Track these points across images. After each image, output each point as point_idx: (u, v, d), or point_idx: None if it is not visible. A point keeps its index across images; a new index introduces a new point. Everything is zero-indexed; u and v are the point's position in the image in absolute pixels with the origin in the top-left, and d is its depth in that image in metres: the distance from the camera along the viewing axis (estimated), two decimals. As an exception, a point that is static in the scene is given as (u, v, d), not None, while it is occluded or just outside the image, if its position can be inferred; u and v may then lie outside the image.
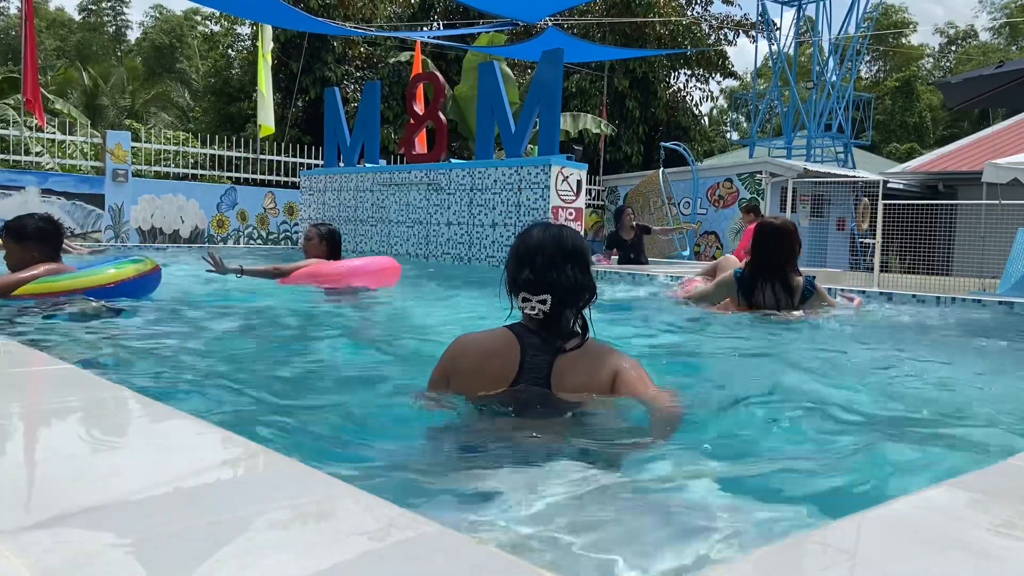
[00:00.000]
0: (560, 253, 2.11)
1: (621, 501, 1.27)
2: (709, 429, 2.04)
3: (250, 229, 13.71)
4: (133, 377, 2.41)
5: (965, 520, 1.00)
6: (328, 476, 1.09)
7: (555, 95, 8.59)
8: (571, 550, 1.06)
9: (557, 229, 2.17)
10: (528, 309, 2.08)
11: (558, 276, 2.07)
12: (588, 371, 2.03)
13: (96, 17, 41.53)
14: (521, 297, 2.09)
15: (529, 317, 2.09)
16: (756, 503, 1.33)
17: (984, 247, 11.15)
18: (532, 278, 2.07)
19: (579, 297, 2.11)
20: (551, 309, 2.06)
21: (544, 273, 2.07)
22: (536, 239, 2.13)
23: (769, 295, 4.33)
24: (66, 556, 0.78)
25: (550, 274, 2.07)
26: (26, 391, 1.65)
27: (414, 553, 0.82)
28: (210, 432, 1.31)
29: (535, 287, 2.07)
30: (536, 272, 2.07)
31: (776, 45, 20.09)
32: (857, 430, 2.03)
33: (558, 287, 2.07)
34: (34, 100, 11.27)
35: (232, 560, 0.79)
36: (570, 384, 2.00)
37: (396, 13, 22.51)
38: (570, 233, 2.17)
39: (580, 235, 2.21)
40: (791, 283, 4.35)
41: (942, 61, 43.18)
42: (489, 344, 2.11)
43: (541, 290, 2.07)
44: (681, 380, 2.63)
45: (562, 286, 2.07)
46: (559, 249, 2.11)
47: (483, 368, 2.06)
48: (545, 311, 2.06)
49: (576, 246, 2.15)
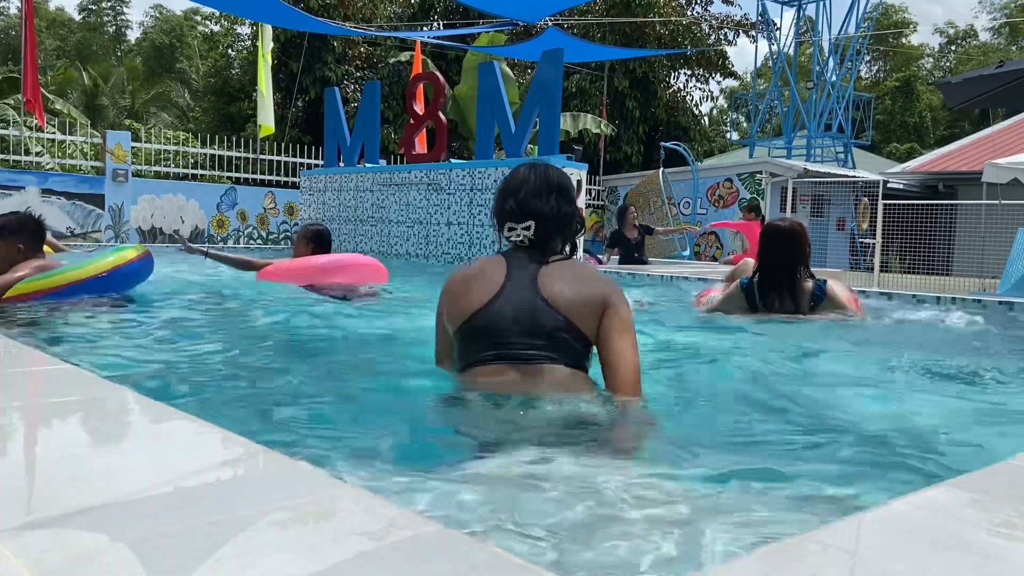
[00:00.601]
0: (544, 185, 2.18)
1: (621, 500, 1.27)
2: (709, 429, 2.04)
3: (250, 229, 13.71)
4: (133, 377, 2.41)
5: (965, 520, 1.00)
6: (328, 476, 1.09)
7: (555, 95, 8.59)
8: (571, 549, 1.06)
9: (543, 167, 2.24)
10: (514, 237, 2.13)
11: (541, 205, 2.14)
12: (576, 280, 2.06)
13: (96, 17, 41.51)
14: (507, 227, 2.15)
15: (516, 245, 2.14)
16: (756, 503, 1.33)
17: (984, 247, 11.15)
18: (516, 208, 2.14)
19: (564, 224, 2.17)
20: (535, 235, 2.12)
21: (527, 202, 2.14)
22: (521, 175, 2.21)
23: (777, 303, 4.08)
24: (66, 556, 0.78)
25: (534, 202, 2.14)
26: (26, 391, 1.65)
27: (414, 553, 0.82)
28: (210, 432, 1.31)
29: (519, 216, 2.14)
30: (519, 202, 2.14)
31: (776, 45, 20.09)
32: (857, 430, 2.03)
33: (542, 215, 2.13)
34: (34, 100, 11.26)
35: (232, 560, 0.79)
36: (557, 289, 2.02)
37: (396, 13, 22.51)
38: (555, 171, 2.24)
39: (564, 173, 2.28)
40: (799, 289, 4.07)
41: (942, 61, 43.18)
42: (476, 266, 2.19)
43: (525, 218, 2.13)
44: (680, 381, 2.63)
45: (545, 214, 2.14)
46: (544, 181, 2.19)
47: (470, 285, 2.10)
48: (530, 237, 2.12)
49: (560, 180, 2.23)
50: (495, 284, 2.06)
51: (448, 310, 2.12)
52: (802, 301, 4.04)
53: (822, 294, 4.05)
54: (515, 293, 2.03)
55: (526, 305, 2.00)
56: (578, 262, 2.16)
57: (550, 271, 2.07)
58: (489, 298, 2.03)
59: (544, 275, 2.05)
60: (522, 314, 1.98)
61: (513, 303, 2.01)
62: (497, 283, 2.06)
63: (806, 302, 4.04)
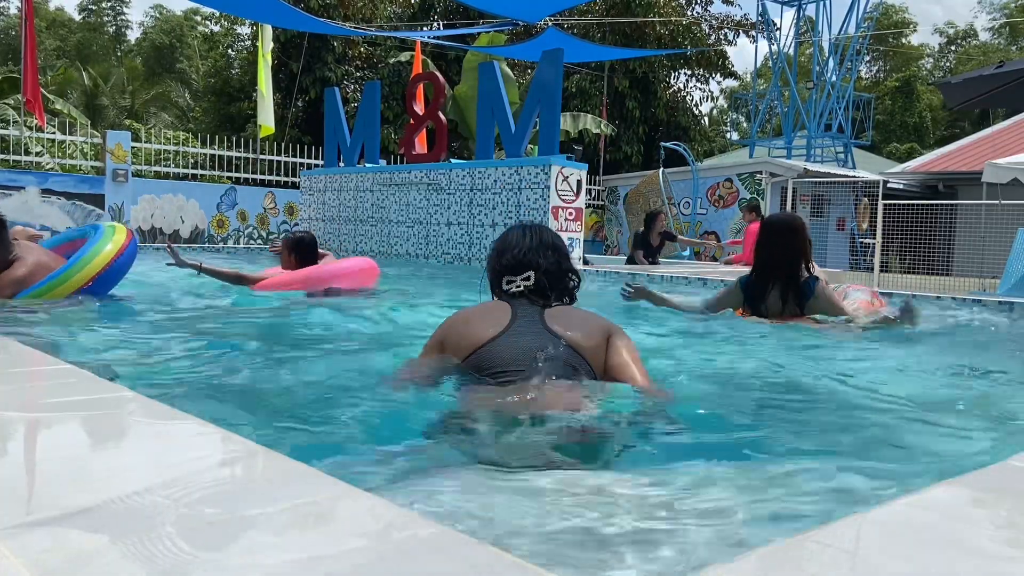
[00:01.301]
0: (540, 243, 2.23)
1: (620, 500, 1.27)
2: (708, 429, 2.04)
3: (250, 229, 13.71)
4: (133, 377, 2.41)
5: (965, 520, 1.00)
6: (328, 476, 1.09)
7: (555, 95, 8.59)
8: (570, 549, 1.06)
9: (538, 227, 2.28)
10: (513, 288, 2.16)
11: (539, 259, 2.18)
12: (580, 318, 2.13)
13: (96, 17, 41.52)
14: (505, 281, 2.19)
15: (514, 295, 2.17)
16: (756, 503, 1.33)
17: (984, 247, 11.16)
18: (513, 261, 2.18)
19: (563, 278, 2.21)
20: (535, 285, 2.16)
21: (525, 256, 2.18)
22: (516, 234, 2.26)
23: (775, 300, 3.94)
24: (66, 556, 0.78)
25: (531, 256, 2.19)
26: (26, 391, 1.65)
27: (414, 553, 0.82)
28: (210, 432, 1.31)
29: (517, 269, 2.18)
30: (516, 257, 2.18)
31: (776, 45, 20.09)
32: (856, 430, 2.03)
33: (540, 267, 2.17)
34: (34, 100, 11.27)
35: (232, 560, 0.79)
36: (563, 324, 2.06)
37: (396, 13, 22.51)
38: (549, 231, 2.29)
39: (558, 235, 2.34)
40: (799, 286, 3.94)
41: (942, 61, 43.17)
42: (481, 307, 2.21)
43: (523, 270, 2.17)
44: (678, 381, 2.63)
45: (543, 267, 2.17)
46: (539, 240, 2.23)
47: (476, 320, 2.12)
48: (530, 287, 2.16)
49: (555, 240, 2.27)
50: (503, 320, 2.09)
51: (454, 341, 2.12)
52: (799, 299, 3.93)
53: (810, 291, 3.91)
54: (524, 327, 2.06)
55: (537, 338, 2.02)
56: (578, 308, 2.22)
57: (553, 313, 2.12)
58: (498, 331, 2.05)
59: (549, 315, 2.11)
60: (534, 346, 2.00)
61: (524, 336, 2.03)
62: (504, 320, 2.09)
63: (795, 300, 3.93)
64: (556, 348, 2.00)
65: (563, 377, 1.97)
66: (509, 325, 2.07)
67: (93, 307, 4.01)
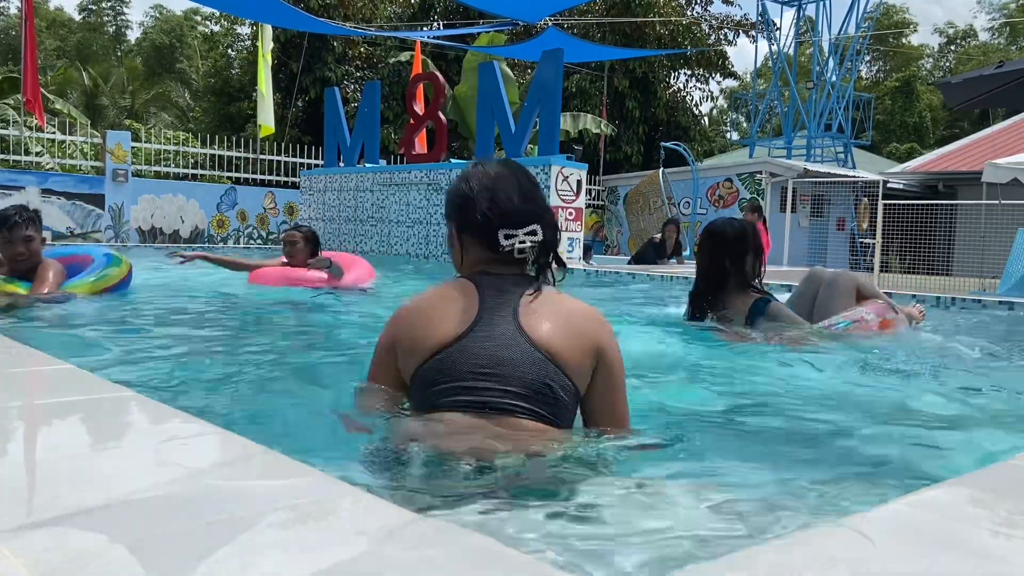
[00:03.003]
0: (531, 186, 1.72)
1: (619, 500, 1.27)
2: (708, 429, 2.04)
3: (250, 229, 13.71)
4: (133, 377, 2.41)
5: (965, 520, 1.00)
6: (328, 476, 1.09)
7: (555, 95, 8.60)
8: (569, 549, 1.06)
9: (515, 163, 1.78)
10: (518, 245, 1.64)
11: (542, 211, 1.70)
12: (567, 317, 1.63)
13: (96, 17, 41.51)
14: (503, 235, 1.64)
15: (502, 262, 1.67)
16: (756, 503, 1.33)
17: (984, 247, 11.16)
18: (512, 207, 1.65)
19: (556, 238, 1.73)
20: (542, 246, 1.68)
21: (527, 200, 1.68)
22: (496, 170, 1.72)
23: (707, 315, 3.50)
24: (66, 556, 0.78)
25: (535, 205, 1.69)
26: (26, 391, 1.65)
27: (414, 553, 0.82)
28: (210, 432, 1.31)
29: (520, 218, 1.65)
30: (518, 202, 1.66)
31: (776, 45, 20.10)
32: (856, 431, 2.03)
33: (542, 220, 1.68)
34: (34, 100, 11.27)
35: (232, 560, 0.79)
36: (545, 331, 1.59)
37: (396, 13, 22.51)
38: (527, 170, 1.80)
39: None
40: (731, 302, 3.43)
41: (942, 61, 43.18)
42: (438, 292, 1.69)
43: (528, 220, 1.66)
44: (672, 385, 2.63)
45: (547, 221, 1.69)
46: (528, 181, 1.72)
47: (432, 315, 1.63)
48: (537, 242, 1.66)
49: (536, 182, 1.78)
50: (469, 311, 1.61)
51: (409, 342, 1.64)
52: (736, 317, 3.39)
53: (760, 313, 3.35)
54: (490, 326, 1.59)
55: (505, 345, 1.56)
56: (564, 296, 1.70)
57: (534, 305, 1.62)
58: (463, 329, 1.59)
59: (527, 310, 1.61)
60: (501, 356, 1.55)
61: (490, 340, 1.57)
62: (471, 311, 1.61)
63: (742, 319, 3.38)
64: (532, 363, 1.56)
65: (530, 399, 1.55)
66: (473, 323, 1.59)
67: (94, 308, 4.02)
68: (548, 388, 1.56)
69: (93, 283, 4.23)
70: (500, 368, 1.54)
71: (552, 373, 1.56)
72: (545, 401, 1.56)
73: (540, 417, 1.55)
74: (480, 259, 1.70)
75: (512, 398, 1.54)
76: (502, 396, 1.54)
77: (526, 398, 1.54)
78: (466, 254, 1.72)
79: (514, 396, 1.54)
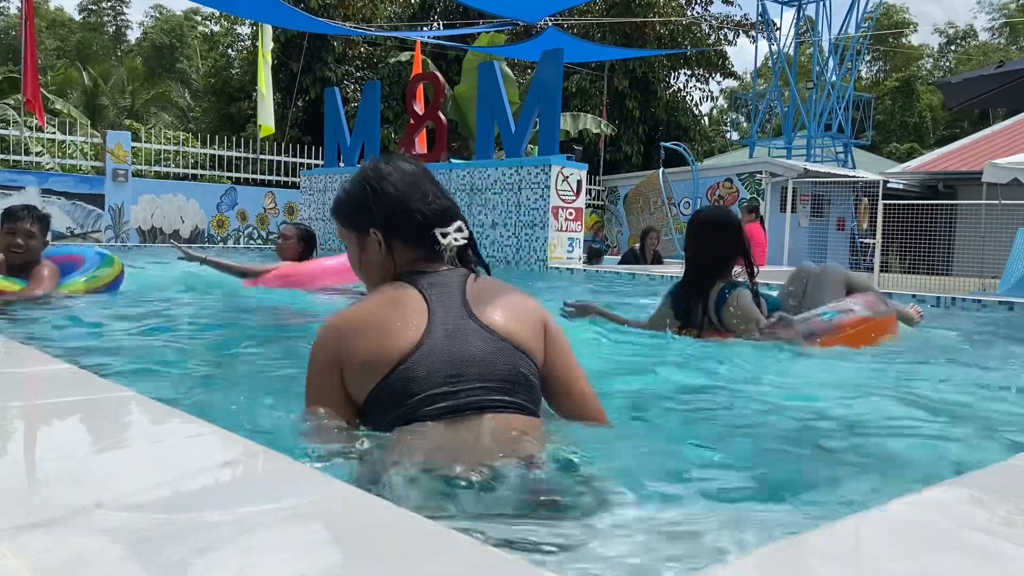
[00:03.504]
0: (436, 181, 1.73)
1: (618, 500, 1.27)
2: (707, 429, 2.04)
3: (250, 229, 13.72)
4: (133, 377, 2.41)
5: (965, 520, 1.00)
6: (328, 476, 1.09)
7: (555, 95, 8.60)
8: (569, 549, 1.06)
9: (414, 160, 1.76)
10: (453, 243, 1.64)
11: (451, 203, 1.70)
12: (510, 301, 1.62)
13: (96, 17, 41.54)
14: (439, 233, 1.63)
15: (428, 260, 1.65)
16: (756, 503, 1.33)
17: (984, 247, 11.17)
18: (438, 206, 1.65)
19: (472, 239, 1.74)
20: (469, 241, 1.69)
21: (446, 197, 1.69)
22: (410, 168, 1.70)
23: (698, 312, 3.30)
24: (66, 556, 0.78)
25: (451, 201, 1.70)
26: (26, 391, 1.65)
27: (414, 553, 0.82)
28: (210, 432, 1.31)
29: (447, 216, 1.66)
30: (440, 199, 1.67)
31: (776, 45, 20.11)
32: (856, 431, 2.03)
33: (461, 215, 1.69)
34: (34, 100, 11.28)
35: (232, 560, 0.79)
36: (498, 317, 1.56)
37: (396, 13, 22.52)
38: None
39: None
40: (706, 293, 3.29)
41: (942, 61, 43.20)
42: (378, 299, 1.59)
43: (449, 216, 1.66)
44: (670, 385, 2.63)
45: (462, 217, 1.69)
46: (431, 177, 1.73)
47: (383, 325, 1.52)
48: (465, 238, 1.67)
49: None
50: (417, 317, 1.53)
51: (358, 358, 1.50)
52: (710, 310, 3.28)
53: (722, 302, 3.24)
54: (448, 327, 1.52)
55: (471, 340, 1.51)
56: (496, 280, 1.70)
57: (479, 295, 1.60)
58: (417, 338, 1.50)
59: (475, 300, 1.58)
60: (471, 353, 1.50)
61: (454, 338, 1.51)
62: (420, 317, 1.53)
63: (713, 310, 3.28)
64: (501, 353, 1.52)
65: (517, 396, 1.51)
66: (428, 325, 1.52)
67: (94, 307, 4.02)
68: (522, 376, 1.53)
69: (85, 283, 4.29)
70: (472, 366, 1.49)
71: (520, 360, 1.53)
72: (524, 389, 1.53)
73: (522, 408, 1.52)
74: (409, 261, 1.65)
75: (494, 393, 1.49)
76: (483, 393, 1.48)
77: (505, 391, 1.50)
78: (396, 259, 1.65)
79: (495, 391, 1.49)
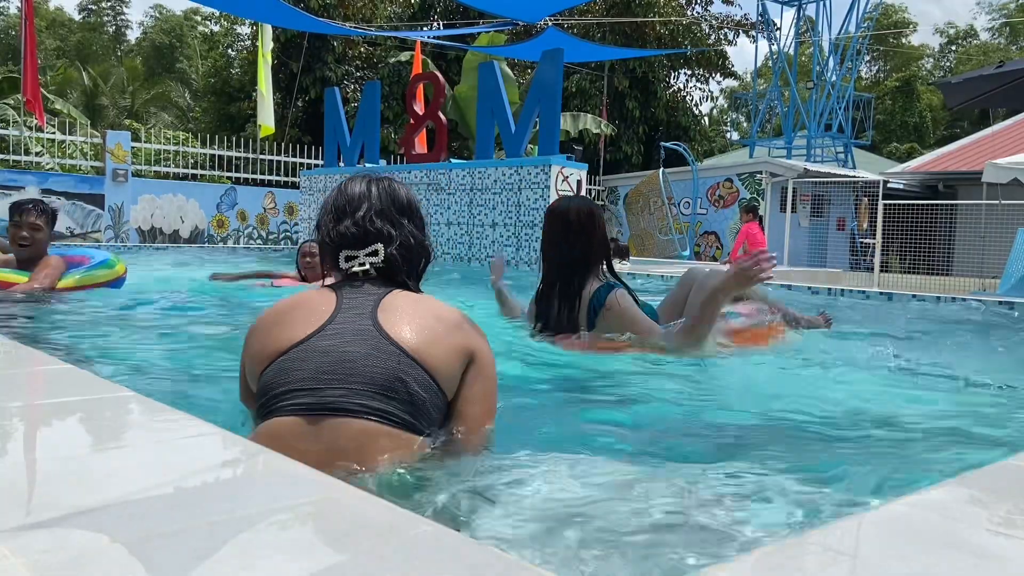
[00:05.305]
0: (392, 204, 1.73)
1: (617, 500, 1.27)
2: (707, 429, 2.04)
3: (250, 229, 13.71)
4: (133, 377, 2.41)
5: (965, 520, 1.00)
6: (328, 476, 1.09)
7: (555, 95, 8.59)
8: (569, 550, 1.06)
9: (387, 181, 1.78)
10: (356, 267, 1.64)
11: (391, 227, 1.69)
12: (432, 320, 1.57)
13: (96, 17, 41.54)
14: (343, 256, 1.66)
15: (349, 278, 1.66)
16: (756, 503, 1.33)
17: (984, 247, 11.17)
18: (356, 229, 1.66)
19: (417, 256, 1.73)
20: (385, 264, 1.65)
21: (372, 221, 1.68)
22: (360, 189, 1.73)
23: (554, 312, 2.98)
24: (66, 556, 0.78)
25: (380, 223, 1.68)
26: (26, 391, 1.65)
27: (414, 553, 0.82)
28: (210, 432, 1.31)
29: (359, 239, 1.66)
30: (359, 222, 1.67)
31: (776, 45, 20.11)
32: (856, 431, 2.03)
33: (390, 239, 1.67)
34: (34, 100, 11.27)
35: (232, 560, 0.79)
36: (403, 323, 1.53)
37: (396, 13, 22.52)
38: (404, 188, 1.79)
39: (412, 193, 1.82)
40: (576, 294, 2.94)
41: (942, 61, 43.21)
42: (294, 299, 1.65)
43: (369, 240, 1.66)
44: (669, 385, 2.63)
45: (396, 239, 1.67)
46: (391, 199, 1.73)
47: (285, 319, 1.57)
48: (378, 264, 1.65)
49: (411, 200, 1.78)
50: (321, 315, 1.55)
51: (255, 351, 1.58)
52: (580, 313, 2.93)
53: (599, 305, 2.89)
54: (345, 325, 1.52)
55: (359, 341, 1.49)
56: (432, 299, 1.67)
57: (396, 303, 1.58)
58: (309, 332, 1.52)
59: (387, 307, 1.56)
60: (352, 353, 1.47)
61: (341, 337, 1.50)
62: (323, 314, 1.55)
63: (585, 314, 2.92)
64: (384, 358, 1.47)
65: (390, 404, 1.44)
66: (326, 323, 1.53)
67: (95, 308, 4.02)
68: (401, 383, 1.45)
69: (79, 279, 4.36)
70: (345, 366, 1.45)
71: (407, 366, 1.47)
72: (399, 399, 1.45)
73: (390, 418, 1.44)
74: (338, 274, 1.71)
75: (358, 397, 1.43)
76: (345, 396, 1.43)
77: (374, 396, 1.43)
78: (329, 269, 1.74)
79: (360, 395, 1.43)
